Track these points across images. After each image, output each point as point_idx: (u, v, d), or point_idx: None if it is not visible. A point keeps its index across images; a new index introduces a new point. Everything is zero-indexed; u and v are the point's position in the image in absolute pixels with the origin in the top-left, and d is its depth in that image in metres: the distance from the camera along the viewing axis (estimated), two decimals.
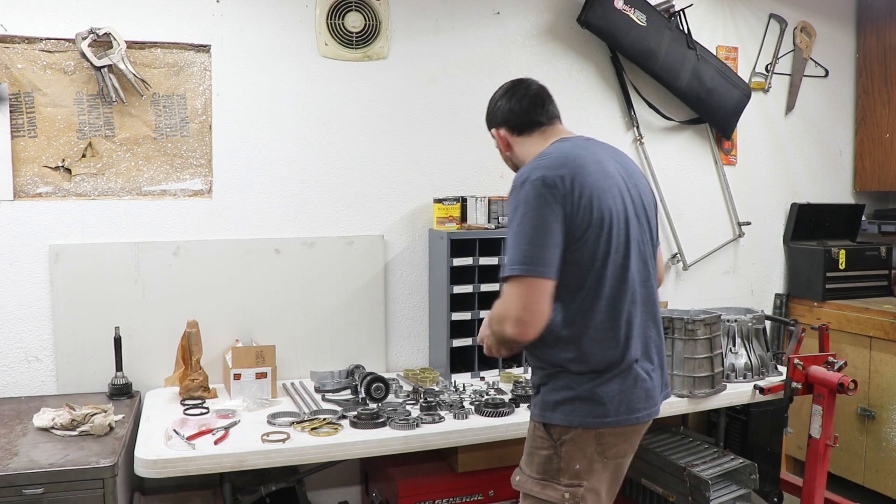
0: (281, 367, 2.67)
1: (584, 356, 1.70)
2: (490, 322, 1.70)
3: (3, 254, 2.54)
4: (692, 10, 3.41)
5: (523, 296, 1.61)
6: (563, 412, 1.72)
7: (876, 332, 3.32)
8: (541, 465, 1.75)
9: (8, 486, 1.85)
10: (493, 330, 1.68)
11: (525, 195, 1.66)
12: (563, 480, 1.72)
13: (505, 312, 1.62)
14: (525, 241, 1.62)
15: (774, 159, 3.80)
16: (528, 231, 1.63)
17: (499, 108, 1.95)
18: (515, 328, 1.60)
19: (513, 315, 1.60)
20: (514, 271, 1.61)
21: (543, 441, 1.76)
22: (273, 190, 2.85)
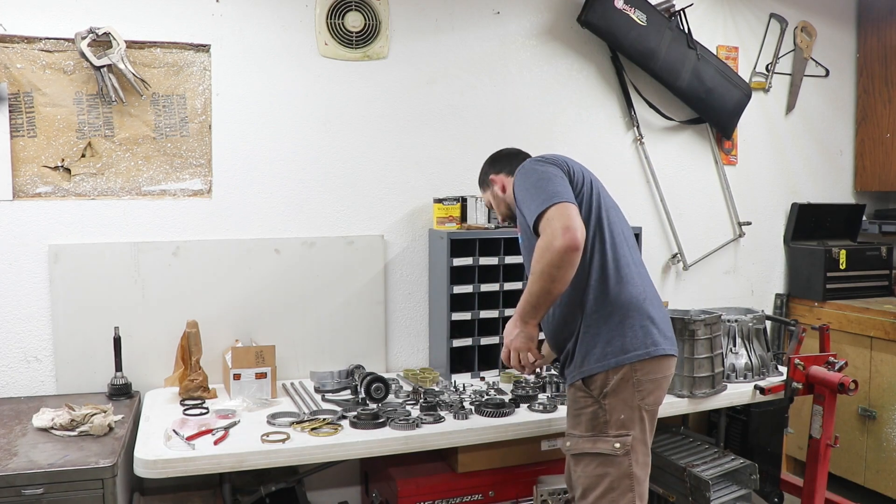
0: (281, 367, 2.67)
1: (601, 290, 1.92)
2: (537, 263, 1.79)
3: (3, 254, 2.53)
4: (692, 10, 3.41)
5: (560, 215, 1.78)
6: (597, 357, 1.90)
7: (876, 333, 3.32)
8: (588, 423, 1.92)
9: (7, 487, 1.85)
10: (542, 268, 1.78)
11: (527, 170, 1.96)
12: (612, 432, 1.89)
13: (551, 232, 1.76)
14: (542, 186, 1.85)
15: (775, 159, 3.79)
16: (540, 183, 1.87)
17: (491, 162, 2.35)
18: (565, 235, 1.74)
19: (558, 227, 1.76)
20: (543, 206, 1.80)
21: (586, 399, 1.93)
22: (273, 190, 2.84)
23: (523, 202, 1.90)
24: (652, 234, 3.46)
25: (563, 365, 2.05)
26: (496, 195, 2.29)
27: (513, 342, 1.95)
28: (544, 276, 1.80)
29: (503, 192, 2.26)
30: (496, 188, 2.28)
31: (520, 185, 1.94)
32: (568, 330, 1.98)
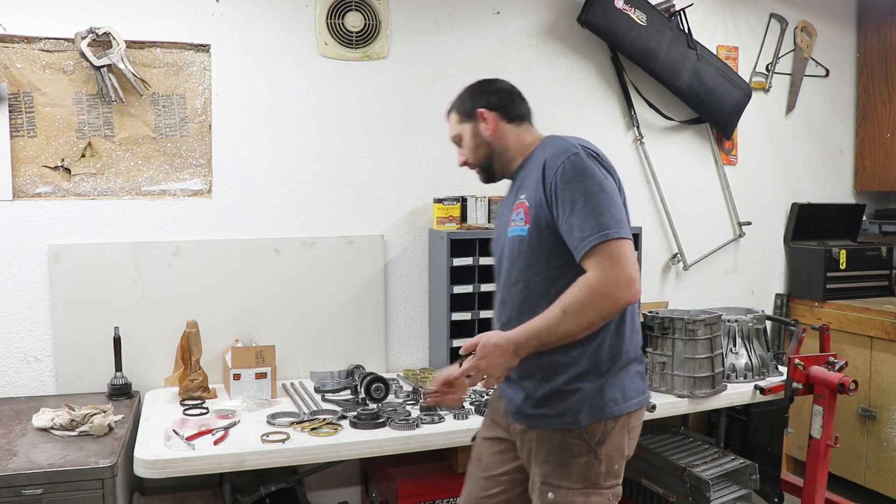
0: (281, 367, 2.66)
1: (618, 336, 1.71)
2: (581, 304, 1.57)
3: (3, 254, 2.53)
4: (692, 10, 3.41)
5: (629, 258, 1.58)
6: (602, 405, 1.69)
7: (877, 333, 3.32)
8: (580, 473, 1.69)
9: (7, 487, 1.85)
10: (585, 312, 1.57)
11: (587, 163, 1.65)
12: (606, 483, 1.70)
13: (617, 279, 1.56)
14: (606, 204, 1.61)
15: (775, 159, 3.79)
16: (604, 197, 1.61)
17: (486, 91, 1.86)
18: (631, 288, 1.57)
19: (626, 274, 1.56)
20: (609, 234, 1.57)
21: (580, 448, 1.69)
22: (273, 190, 2.84)
23: (575, 209, 1.61)
24: (652, 234, 3.46)
25: (538, 404, 1.73)
26: (478, 133, 1.84)
27: (491, 368, 1.67)
28: (582, 322, 1.59)
29: (492, 134, 1.83)
30: (483, 126, 1.83)
31: (573, 184, 1.62)
32: (568, 371, 1.70)
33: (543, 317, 1.62)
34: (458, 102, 1.90)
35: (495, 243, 1.90)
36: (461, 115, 1.88)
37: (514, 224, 1.74)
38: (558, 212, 1.64)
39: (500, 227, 1.86)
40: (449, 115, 1.93)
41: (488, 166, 1.87)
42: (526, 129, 1.86)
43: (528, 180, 1.74)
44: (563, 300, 1.60)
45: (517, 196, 1.76)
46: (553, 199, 1.65)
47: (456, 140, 1.91)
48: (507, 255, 1.77)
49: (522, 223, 1.72)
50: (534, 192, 1.70)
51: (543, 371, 1.71)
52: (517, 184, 1.82)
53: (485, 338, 1.68)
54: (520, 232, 1.72)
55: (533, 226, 1.69)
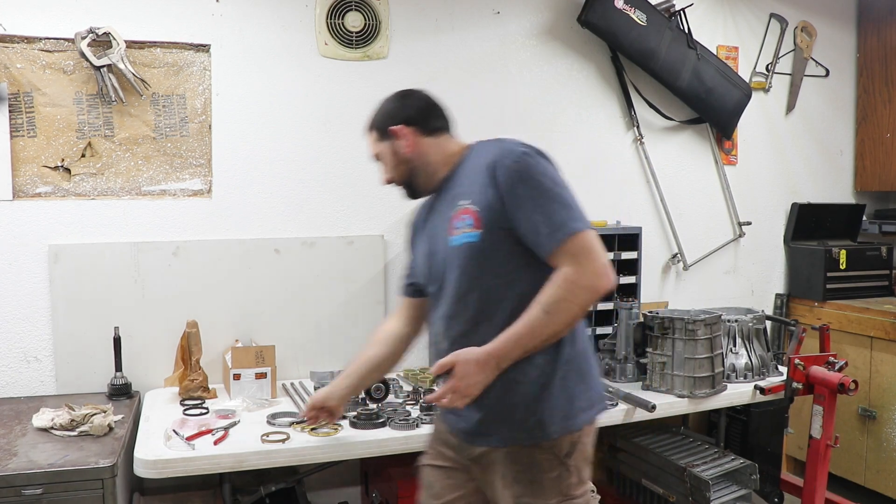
0: (281, 367, 2.66)
1: (575, 342, 1.66)
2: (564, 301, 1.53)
3: (3, 254, 2.53)
4: (692, 10, 3.41)
5: (601, 248, 1.57)
6: (571, 414, 1.63)
7: (877, 333, 3.32)
8: (554, 488, 1.63)
9: (7, 487, 1.85)
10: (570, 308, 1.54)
11: (538, 160, 1.62)
12: (579, 492, 1.66)
13: (596, 269, 1.53)
14: (572, 200, 1.60)
15: (775, 159, 3.79)
16: (564, 192, 1.60)
17: (401, 106, 1.80)
18: (609, 276, 1.55)
19: (602, 263, 1.54)
20: (581, 225, 1.56)
21: (550, 462, 1.63)
22: (273, 190, 2.84)
23: (537, 207, 1.57)
24: (652, 234, 3.46)
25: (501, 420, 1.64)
26: (397, 151, 1.77)
27: (470, 388, 1.57)
28: (567, 318, 1.55)
29: (410, 150, 1.76)
30: (401, 143, 1.76)
31: (530, 182, 1.58)
32: (531, 382, 1.62)
33: (524, 322, 1.55)
34: (374, 120, 1.84)
35: (426, 259, 1.79)
36: (378, 133, 1.82)
37: (459, 231, 1.64)
38: (517, 212, 1.58)
39: (436, 240, 1.73)
40: (367, 133, 1.86)
41: (411, 182, 1.81)
42: (446, 139, 1.80)
43: (468, 186, 1.67)
44: (543, 300, 1.54)
45: (455, 204, 1.67)
46: (509, 199, 1.59)
47: (377, 158, 1.85)
48: (454, 266, 1.66)
49: (471, 229, 1.62)
50: (480, 195, 1.62)
51: (504, 385, 1.61)
52: (450, 193, 1.72)
53: (462, 356, 1.58)
54: (468, 238, 1.62)
55: (485, 230, 1.61)
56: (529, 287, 1.58)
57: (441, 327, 1.72)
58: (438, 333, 1.74)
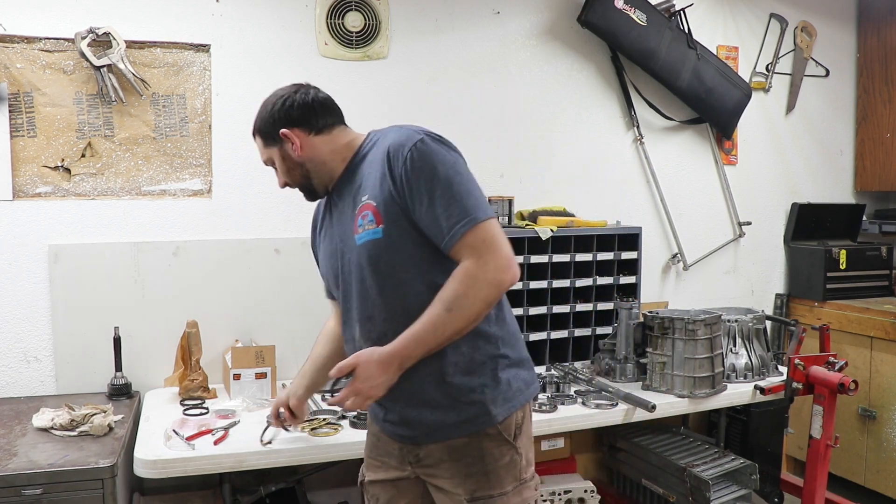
0: (281, 367, 2.66)
1: (502, 323, 1.64)
2: (466, 297, 1.48)
3: (3, 254, 2.53)
4: (692, 10, 3.41)
5: (504, 239, 1.51)
6: (512, 394, 1.61)
7: (877, 333, 3.32)
8: (509, 474, 1.60)
9: (7, 487, 1.85)
10: (472, 304, 1.48)
11: (436, 147, 1.53)
12: (528, 474, 1.64)
13: (498, 261, 1.48)
14: (472, 187, 1.53)
15: (775, 159, 3.79)
16: (467, 178, 1.53)
17: (284, 108, 1.69)
18: (513, 268, 1.50)
19: (506, 255, 1.49)
20: (481, 214, 1.49)
21: (500, 448, 1.60)
22: (273, 190, 2.80)
23: (434, 198, 1.49)
24: (652, 234, 3.46)
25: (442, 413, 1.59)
26: (287, 155, 1.70)
27: (373, 389, 1.52)
28: (470, 315, 1.49)
29: (299, 152, 1.69)
30: (289, 147, 1.69)
31: (425, 171, 1.51)
32: (462, 370, 1.58)
33: (426, 321, 1.50)
34: (258, 125, 1.74)
35: (332, 259, 1.73)
36: (265, 139, 1.73)
37: (363, 229, 1.57)
38: (414, 203, 1.51)
39: (341, 239, 1.68)
40: (255, 138, 1.77)
41: (308, 185, 1.75)
42: (339, 133, 1.71)
43: (366, 180, 1.60)
44: (445, 297, 1.49)
45: (357, 200, 1.61)
46: (406, 191, 1.52)
47: (268, 164, 1.78)
48: (362, 265, 1.59)
49: (374, 225, 1.55)
50: (379, 188, 1.55)
51: (434, 380, 1.58)
52: (350, 188, 1.66)
53: (363, 357, 1.52)
54: (372, 235, 1.56)
55: (388, 224, 1.54)
56: (443, 277, 1.52)
57: (357, 330, 1.66)
58: (356, 337, 1.66)
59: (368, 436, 1.83)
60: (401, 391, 1.58)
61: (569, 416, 2.39)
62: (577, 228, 2.97)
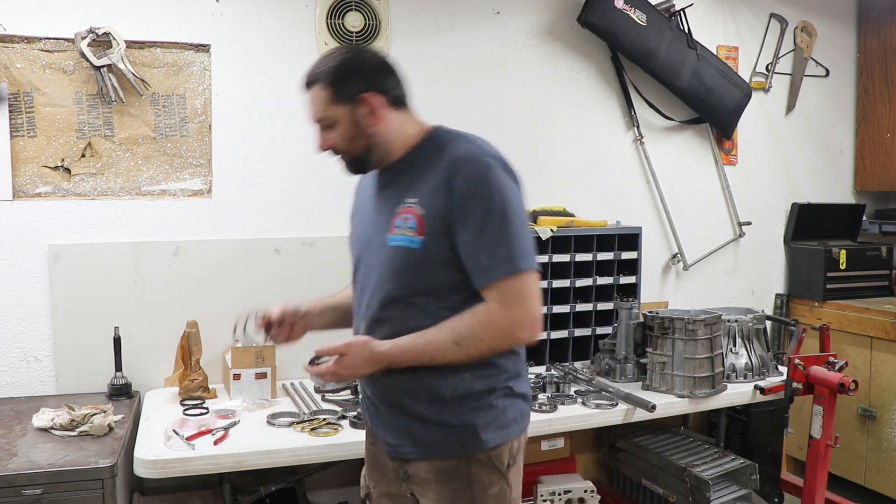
0: (281, 368, 2.66)
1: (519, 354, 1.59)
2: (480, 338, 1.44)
3: (3, 254, 2.53)
4: (692, 10, 3.41)
5: (537, 296, 1.45)
6: (507, 422, 1.53)
7: (877, 333, 3.32)
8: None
9: (7, 487, 1.85)
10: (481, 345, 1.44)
11: (502, 178, 1.45)
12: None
13: (523, 317, 1.43)
14: (525, 232, 1.46)
15: (775, 159, 3.79)
16: (522, 220, 1.46)
17: (370, 66, 1.53)
18: (534, 329, 1.45)
19: (536, 314, 1.44)
20: (523, 264, 1.43)
21: (491, 475, 1.52)
22: (273, 190, 2.84)
23: (484, 230, 1.42)
24: (652, 234, 3.46)
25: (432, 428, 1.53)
26: (358, 122, 1.51)
27: (351, 377, 1.50)
28: (472, 354, 1.45)
29: (374, 123, 1.51)
30: (363, 113, 1.50)
31: (484, 200, 1.42)
32: (458, 396, 1.51)
33: (429, 341, 1.45)
34: (334, 76, 1.50)
35: (358, 243, 1.63)
36: (336, 94, 1.50)
37: (398, 231, 1.48)
38: (461, 227, 1.43)
39: (374, 229, 1.57)
40: (311, 86, 1.52)
41: (362, 160, 1.56)
42: (408, 115, 1.58)
43: (420, 183, 1.49)
44: (457, 329, 1.43)
45: (402, 198, 1.50)
46: (458, 211, 1.43)
47: (320, 122, 1.54)
48: (387, 269, 1.51)
49: (413, 233, 1.46)
50: (431, 198, 1.46)
51: (428, 397, 1.51)
52: (399, 180, 1.54)
53: (355, 348, 1.47)
54: (408, 243, 1.46)
55: (429, 237, 1.45)
56: (464, 306, 1.46)
57: (363, 329, 1.59)
58: (360, 333, 1.59)
59: (367, 449, 1.77)
60: (394, 397, 1.54)
61: (569, 416, 2.39)
62: (577, 228, 2.98)
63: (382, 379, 1.55)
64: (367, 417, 1.71)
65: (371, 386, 1.61)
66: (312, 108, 1.54)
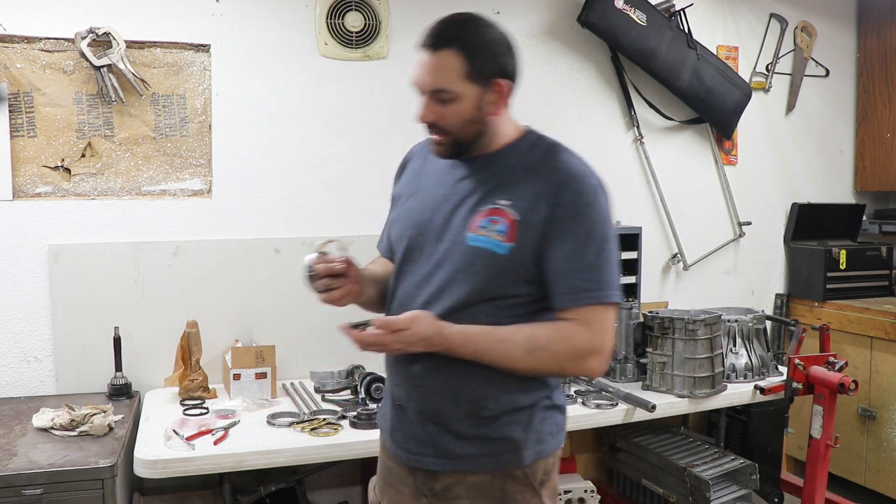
0: (281, 367, 2.66)
1: None
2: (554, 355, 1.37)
3: (3, 254, 2.53)
4: (692, 10, 3.41)
5: (613, 330, 1.41)
6: (544, 436, 1.47)
7: (877, 333, 3.32)
8: None
9: (7, 487, 1.85)
10: (551, 364, 1.39)
11: (605, 204, 1.41)
12: None
13: (600, 344, 1.38)
14: (616, 261, 1.42)
15: (775, 159, 3.79)
16: (616, 251, 1.42)
17: (507, 48, 1.41)
18: (605, 361, 1.40)
19: (611, 348, 1.40)
20: (612, 296, 1.39)
21: (525, 493, 1.45)
22: (273, 190, 2.84)
23: (582, 252, 1.37)
24: (652, 234, 3.46)
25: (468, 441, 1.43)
26: (481, 106, 1.40)
27: (398, 351, 1.43)
28: (538, 368, 1.40)
29: (495, 113, 1.42)
30: (490, 99, 1.40)
31: (586, 222, 1.38)
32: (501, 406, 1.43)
33: (502, 341, 1.37)
34: (474, 48, 1.36)
35: (415, 228, 1.50)
36: (471, 70, 1.36)
37: (483, 232, 1.39)
38: (558, 243, 1.37)
39: (438, 220, 1.46)
40: (440, 49, 1.38)
41: (465, 146, 1.44)
42: (509, 111, 1.50)
43: (515, 185, 1.41)
44: (535, 338, 1.37)
45: (490, 197, 1.42)
46: (557, 227, 1.37)
47: (438, 94, 1.38)
48: (458, 267, 1.42)
49: (502, 237, 1.37)
50: (529, 205, 1.38)
51: (470, 407, 1.43)
52: (487, 179, 1.45)
53: (419, 327, 1.37)
54: (494, 247, 1.38)
55: (518, 245, 1.37)
56: (520, 322, 1.41)
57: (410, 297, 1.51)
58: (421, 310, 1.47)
59: (381, 463, 1.63)
60: (431, 403, 1.44)
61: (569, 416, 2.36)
62: None
63: (423, 381, 1.45)
64: (385, 424, 1.58)
65: (405, 387, 1.49)
66: (433, 75, 1.37)
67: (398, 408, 1.52)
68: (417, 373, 1.46)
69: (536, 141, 1.49)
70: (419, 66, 1.40)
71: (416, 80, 1.41)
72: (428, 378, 1.45)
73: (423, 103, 1.42)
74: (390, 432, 1.55)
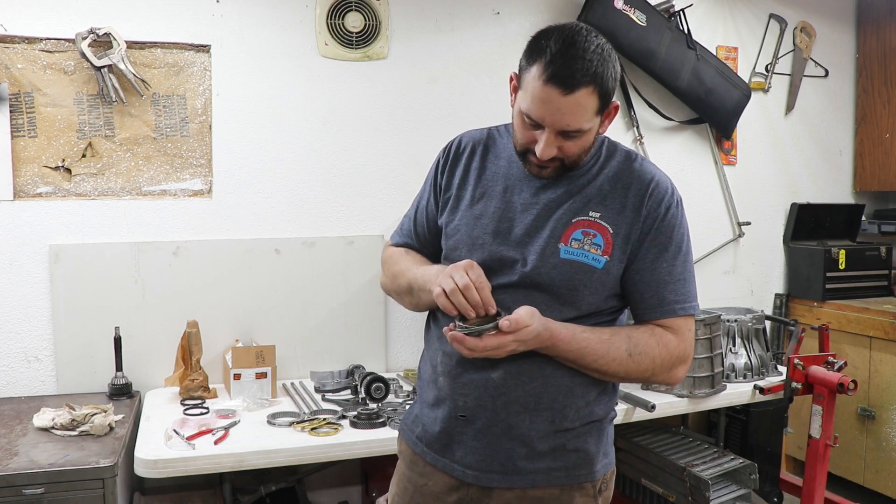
0: (281, 367, 2.67)
1: None
2: (653, 364, 1.37)
3: (3, 254, 2.54)
4: (692, 10, 3.41)
5: (693, 339, 1.46)
6: (606, 451, 1.48)
7: (876, 332, 3.32)
8: None
9: (8, 486, 1.85)
10: (648, 371, 1.38)
11: (685, 216, 1.44)
12: None
13: (689, 353, 1.41)
14: (693, 274, 1.45)
15: (774, 159, 3.80)
16: (692, 265, 1.45)
17: (616, 66, 1.35)
18: (685, 370, 1.43)
19: (688, 355, 1.42)
20: (698, 309, 1.43)
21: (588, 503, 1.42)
22: (273, 190, 2.85)
23: (674, 265, 1.39)
24: None
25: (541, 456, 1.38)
26: (596, 133, 1.38)
27: (524, 343, 1.29)
28: (637, 374, 1.38)
29: (602, 132, 1.40)
30: (606, 123, 1.38)
31: (676, 234, 1.40)
32: (580, 414, 1.40)
33: (605, 341, 1.34)
34: (606, 83, 1.30)
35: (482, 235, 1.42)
36: (601, 104, 1.31)
37: (577, 245, 1.35)
38: (647, 255, 1.37)
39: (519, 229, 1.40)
40: (578, 89, 1.27)
41: (573, 168, 1.40)
42: None
43: (602, 196, 1.38)
44: (634, 340, 1.35)
45: (583, 209, 1.37)
46: (645, 239, 1.37)
47: (572, 132, 1.30)
48: (547, 282, 1.36)
49: (598, 251, 1.34)
50: (617, 216, 1.36)
51: (548, 427, 1.37)
52: (571, 189, 1.40)
53: (536, 326, 1.29)
54: (591, 261, 1.35)
55: (613, 259, 1.36)
56: None
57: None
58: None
59: (411, 481, 1.50)
60: (508, 412, 1.36)
61: None
62: None
63: (503, 390, 1.36)
64: (430, 436, 1.46)
65: (477, 396, 1.38)
66: (571, 117, 1.28)
67: (461, 419, 1.40)
68: (498, 380, 1.36)
69: (612, 147, 1.46)
70: (548, 104, 1.28)
71: (543, 118, 1.30)
72: (509, 386, 1.36)
73: (546, 140, 1.31)
74: (440, 445, 1.44)
